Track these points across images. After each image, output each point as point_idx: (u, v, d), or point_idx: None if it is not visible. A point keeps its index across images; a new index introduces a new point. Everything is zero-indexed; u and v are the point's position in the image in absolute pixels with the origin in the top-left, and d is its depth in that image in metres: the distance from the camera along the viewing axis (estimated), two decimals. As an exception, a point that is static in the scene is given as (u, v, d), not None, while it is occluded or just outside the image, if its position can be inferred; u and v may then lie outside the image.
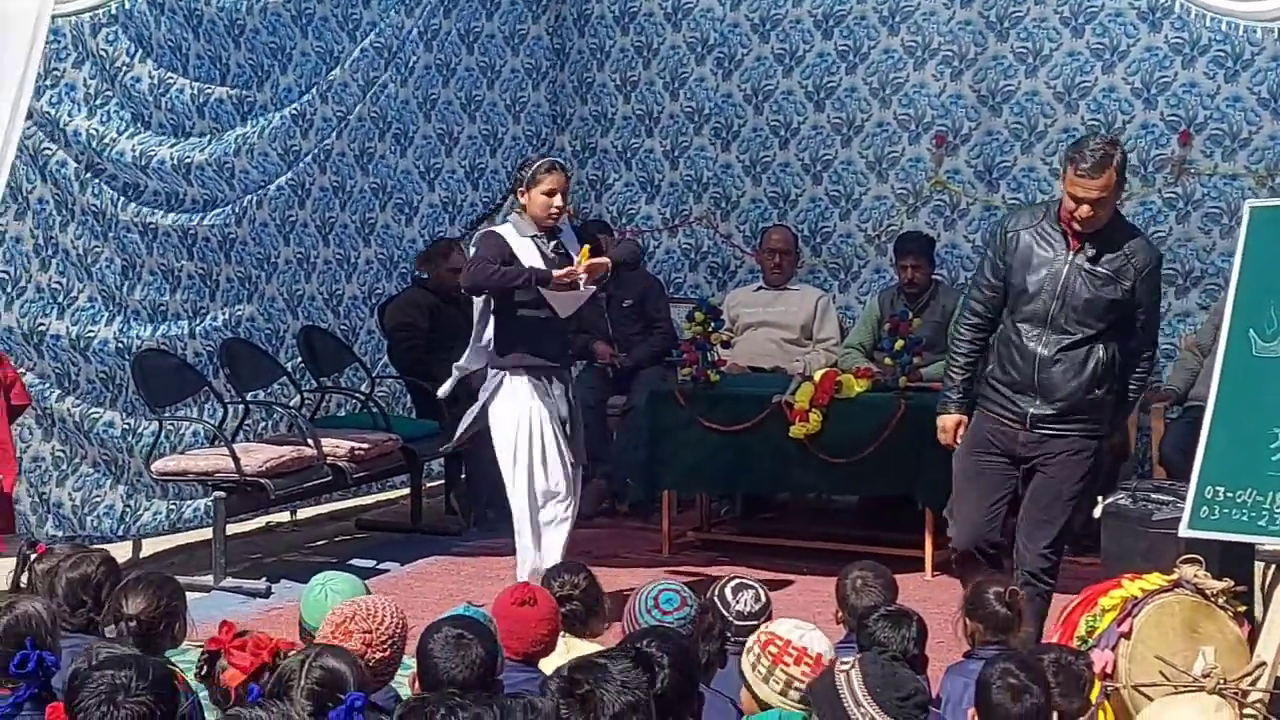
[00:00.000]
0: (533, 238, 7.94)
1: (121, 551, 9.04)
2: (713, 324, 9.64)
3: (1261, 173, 10.13)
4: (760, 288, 10.78)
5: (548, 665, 5.74)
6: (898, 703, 4.19)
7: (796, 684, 5.02)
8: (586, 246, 7.94)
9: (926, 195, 11.04)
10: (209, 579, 8.86)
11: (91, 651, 4.47)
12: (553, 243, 7.97)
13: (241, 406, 9.86)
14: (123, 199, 9.24)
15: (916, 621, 5.54)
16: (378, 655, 4.99)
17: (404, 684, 5.30)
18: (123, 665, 3.98)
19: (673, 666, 4.47)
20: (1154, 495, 7.73)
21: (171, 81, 9.35)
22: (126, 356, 9.34)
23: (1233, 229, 10.09)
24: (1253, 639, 6.16)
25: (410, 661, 5.49)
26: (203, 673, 4.71)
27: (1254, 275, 6.84)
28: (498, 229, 8.13)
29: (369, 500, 11.10)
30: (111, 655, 4.35)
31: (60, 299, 9.14)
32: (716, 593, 5.94)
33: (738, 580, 6.03)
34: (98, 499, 9.44)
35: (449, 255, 10.58)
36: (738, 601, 5.89)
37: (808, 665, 5.01)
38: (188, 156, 9.34)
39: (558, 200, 7.90)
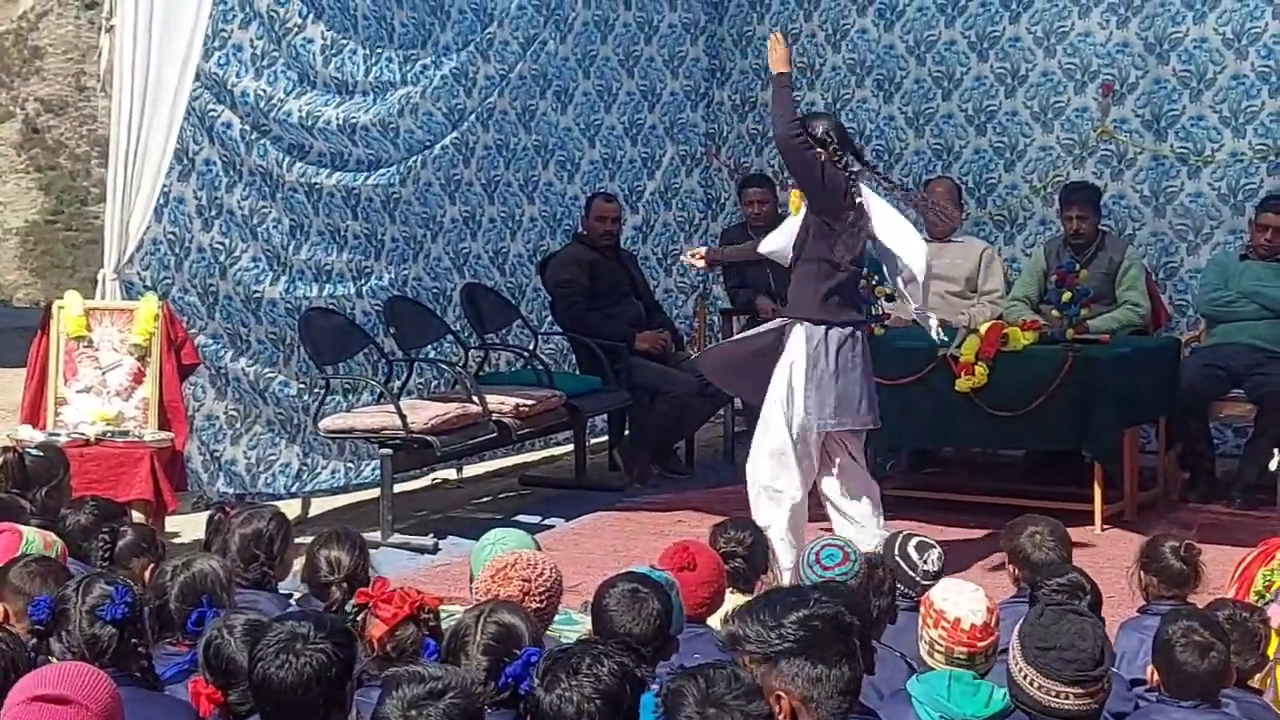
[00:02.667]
0: None
1: (290, 510, 9.14)
2: (877, 277, 9.53)
3: None
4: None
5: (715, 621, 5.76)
6: (1058, 664, 4.14)
7: (936, 647, 4.96)
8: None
9: (1093, 145, 10.87)
10: (377, 535, 8.85)
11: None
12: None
13: (407, 364, 9.90)
14: (288, 159, 9.33)
15: (1090, 593, 5.44)
16: (533, 605, 4.98)
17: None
18: (302, 617, 4.03)
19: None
20: (1332, 447, 7.56)
21: (344, 43, 9.42)
22: (295, 316, 9.43)
23: None
24: None
25: (583, 618, 5.51)
26: (353, 626, 4.70)
27: None
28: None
29: (533, 457, 11.12)
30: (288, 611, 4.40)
31: (222, 259, 9.23)
32: (898, 550, 5.89)
33: (919, 539, 5.97)
34: (273, 457, 9.54)
35: (595, 206, 10.65)
36: (924, 561, 5.86)
37: (944, 629, 4.94)
38: (353, 117, 9.41)
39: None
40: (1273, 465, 7.66)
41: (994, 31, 11.05)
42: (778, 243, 8.08)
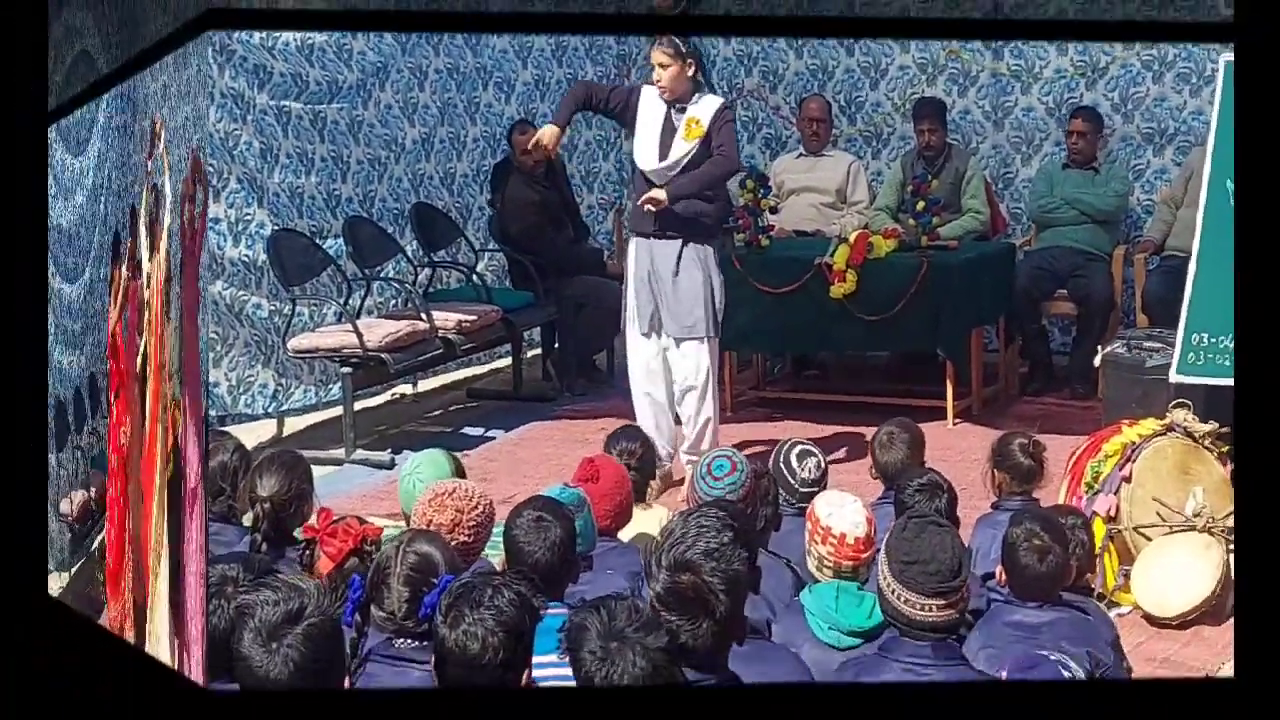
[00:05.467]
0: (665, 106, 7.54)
1: (265, 431, 8.69)
2: (762, 191, 9.25)
3: (1234, 33, 9.68)
4: (800, 154, 10.40)
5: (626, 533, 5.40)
6: (921, 578, 3.90)
7: (825, 562, 4.73)
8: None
9: (942, 64, 10.55)
10: (341, 453, 8.35)
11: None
12: (685, 114, 7.52)
13: (365, 284, 9.25)
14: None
15: (947, 491, 5.23)
16: (462, 537, 4.61)
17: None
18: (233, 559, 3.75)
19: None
20: (1146, 343, 7.41)
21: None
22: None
23: (1201, 88, 9.68)
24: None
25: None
26: (303, 560, 4.42)
27: (1230, 128, 6.53)
28: (648, 87, 7.63)
29: (480, 370, 10.40)
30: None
31: (215, 183, 8.61)
32: (781, 458, 5.57)
33: (801, 447, 5.62)
34: (251, 379, 8.98)
35: (513, 133, 9.98)
36: (802, 469, 5.52)
37: (832, 544, 4.70)
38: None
39: (655, 74, 7.48)
40: (1096, 361, 7.57)
41: (858, -36, 10.70)
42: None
